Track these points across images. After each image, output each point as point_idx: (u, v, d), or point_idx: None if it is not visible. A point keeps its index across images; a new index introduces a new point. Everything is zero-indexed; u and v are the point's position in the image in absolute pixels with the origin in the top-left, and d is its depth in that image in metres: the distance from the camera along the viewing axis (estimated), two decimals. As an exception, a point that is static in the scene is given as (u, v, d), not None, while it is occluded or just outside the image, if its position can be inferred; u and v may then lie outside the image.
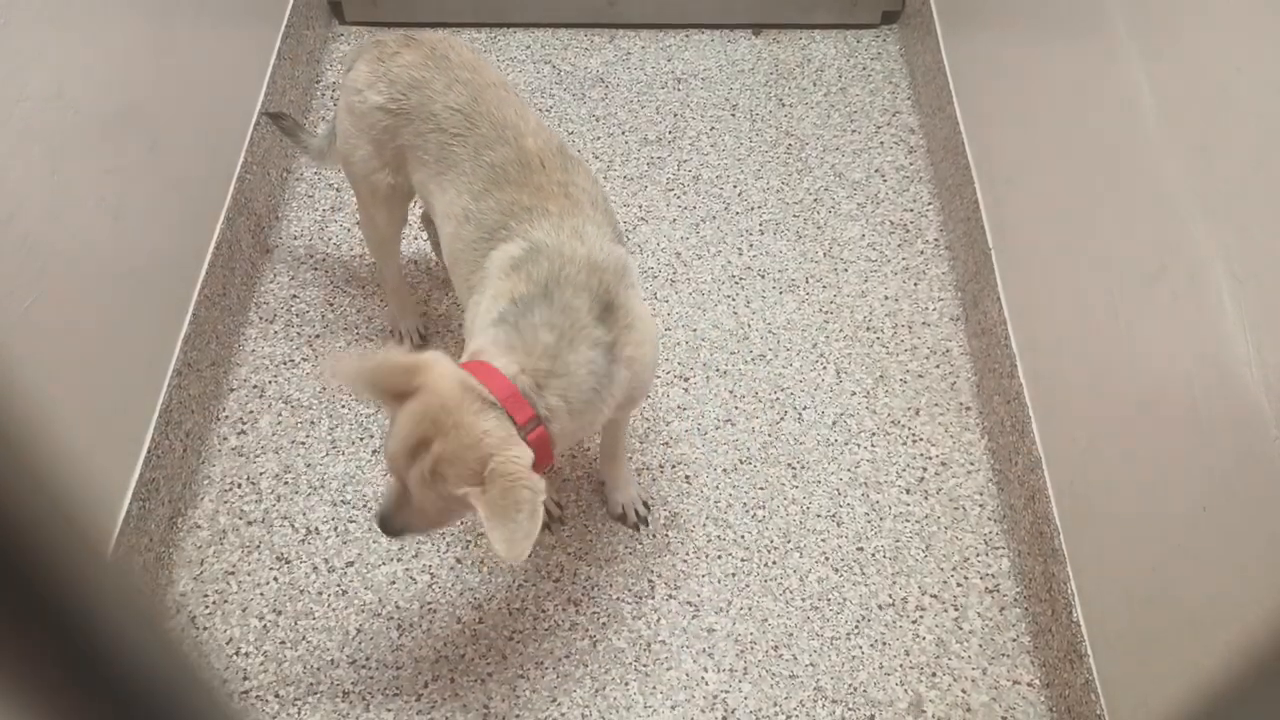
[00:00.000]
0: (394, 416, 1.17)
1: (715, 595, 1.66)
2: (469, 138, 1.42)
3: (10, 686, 0.23)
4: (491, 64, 1.57)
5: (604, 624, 1.63)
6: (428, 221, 2.00)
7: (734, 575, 1.68)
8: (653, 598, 1.66)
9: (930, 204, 2.21)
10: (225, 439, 1.83)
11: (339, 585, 1.66)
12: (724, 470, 1.80)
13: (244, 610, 1.64)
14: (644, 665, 1.59)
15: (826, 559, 1.71)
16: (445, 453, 1.13)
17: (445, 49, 1.51)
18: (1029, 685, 1.58)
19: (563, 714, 1.54)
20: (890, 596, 1.67)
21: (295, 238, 2.14)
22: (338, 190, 2.20)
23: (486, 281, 1.33)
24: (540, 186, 1.36)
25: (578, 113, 2.38)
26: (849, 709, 1.55)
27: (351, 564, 1.69)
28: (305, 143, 1.91)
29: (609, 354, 1.25)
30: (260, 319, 2.00)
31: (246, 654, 1.59)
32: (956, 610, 1.65)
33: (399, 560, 1.69)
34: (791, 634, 1.62)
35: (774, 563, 1.70)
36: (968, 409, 1.89)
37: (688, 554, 1.70)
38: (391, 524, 1.24)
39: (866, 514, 1.76)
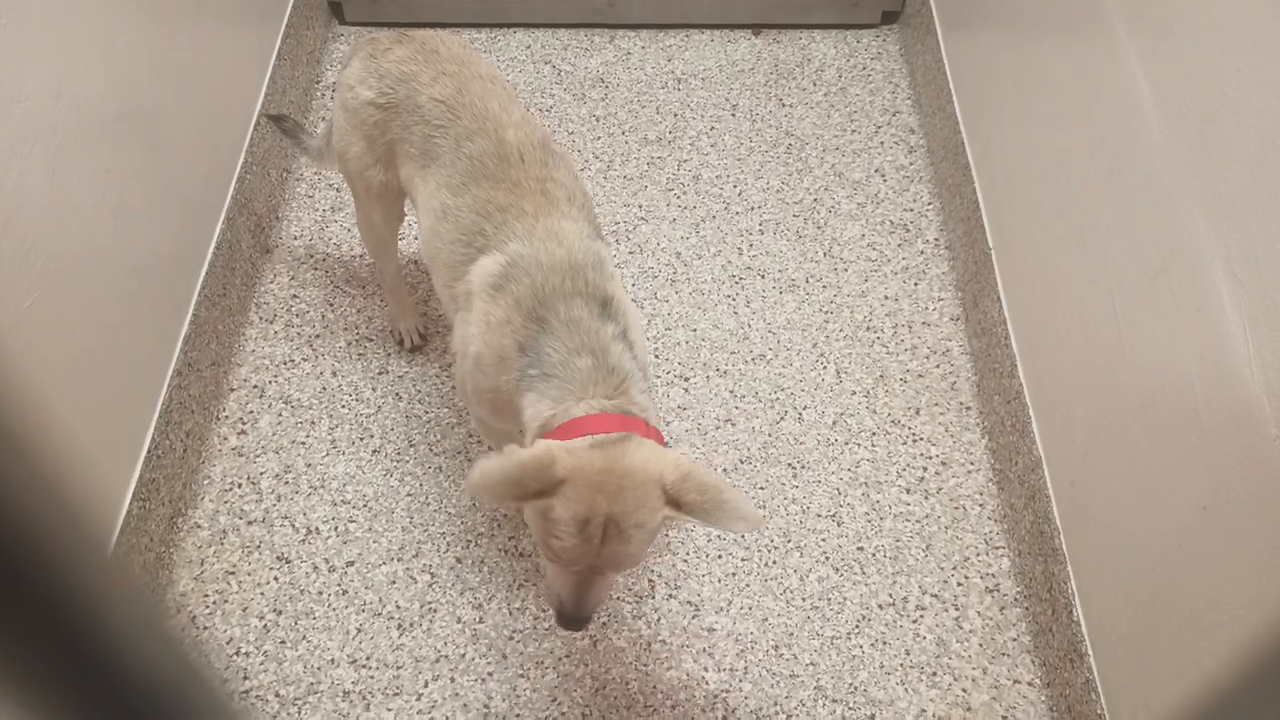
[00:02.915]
0: (543, 517, 1.13)
1: (715, 595, 1.66)
2: (451, 129, 1.42)
3: (12, 686, 0.23)
4: (486, 60, 1.57)
5: (604, 623, 1.63)
6: (428, 221, 2.00)
7: (734, 575, 1.68)
8: (653, 597, 1.66)
9: (930, 204, 2.21)
10: (225, 439, 1.83)
11: (339, 585, 1.66)
12: (724, 470, 1.80)
13: (244, 610, 1.64)
14: (644, 665, 1.59)
15: (827, 558, 1.71)
16: (628, 504, 1.11)
17: (436, 44, 1.51)
18: (1029, 684, 1.58)
19: (563, 713, 1.54)
20: (890, 596, 1.67)
21: (295, 238, 2.14)
22: (337, 190, 2.20)
23: (471, 300, 1.32)
24: (517, 182, 1.35)
25: (578, 113, 2.38)
26: (849, 708, 1.55)
27: (352, 564, 1.69)
28: (305, 144, 1.91)
29: (625, 340, 1.26)
30: (260, 319, 2.00)
31: (247, 654, 1.59)
32: (957, 610, 1.65)
33: (399, 560, 1.69)
34: (792, 633, 1.62)
35: (774, 562, 1.70)
36: (968, 409, 1.89)
37: (688, 554, 1.70)
38: (583, 614, 1.20)
39: (867, 513, 1.76)
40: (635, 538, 1.13)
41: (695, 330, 1.99)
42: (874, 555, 1.71)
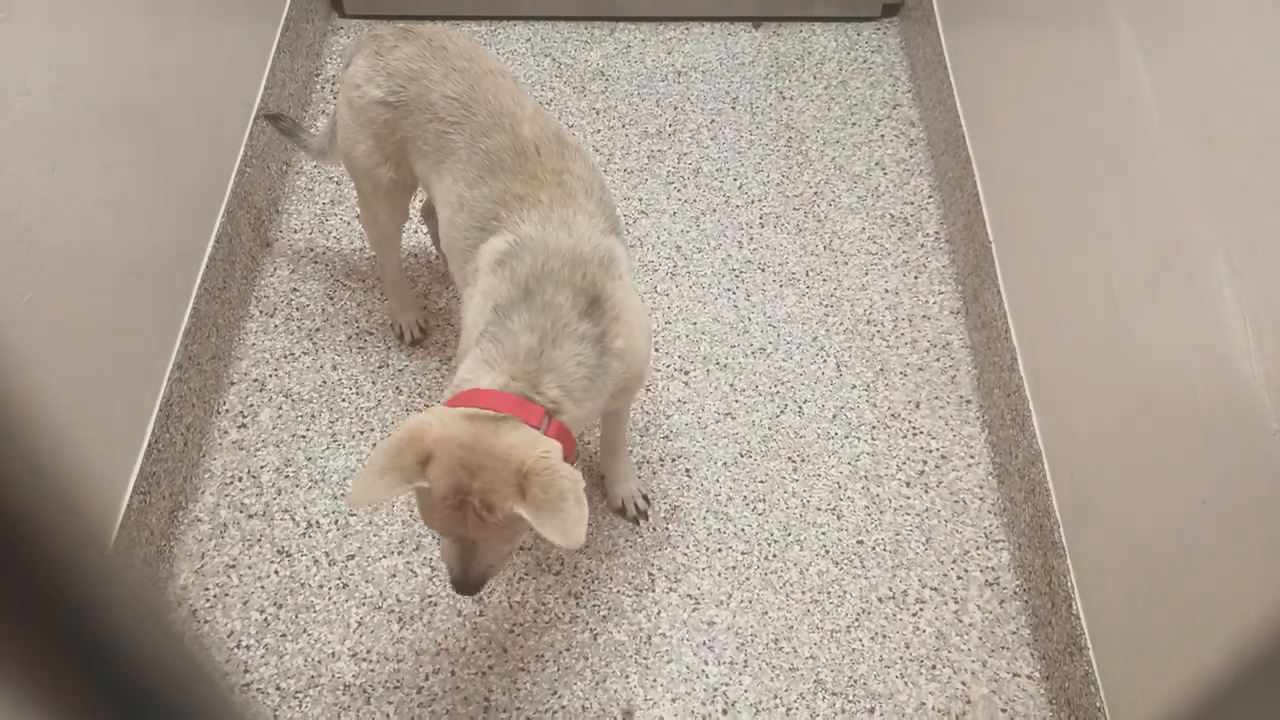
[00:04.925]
0: (423, 494, 1.16)
1: (715, 588, 1.66)
2: (466, 125, 1.42)
3: (13, 680, 0.23)
4: (493, 54, 1.57)
5: (604, 617, 1.63)
6: (428, 215, 2.00)
7: (734, 568, 1.69)
8: (653, 591, 1.66)
9: (931, 197, 2.21)
10: (226, 432, 1.84)
11: (340, 578, 1.67)
12: (724, 464, 1.80)
13: (245, 603, 1.64)
14: (644, 658, 1.59)
15: (827, 552, 1.71)
16: (486, 485, 1.12)
17: (443, 39, 1.51)
18: (1029, 678, 1.58)
19: (563, 706, 1.55)
20: (890, 589, 1.67)
21: (295, 231, 2.14)
22: (338, 184, 2.19)
23: (477, 276, 1.33)
24: (534, 174, 1.35)
25: (578, 106, 2.37)
26: (849, 701, 1.55)
27: (352, 557, 1.69)
28: (305, 141, 1.91)
29: (598, 346, 1.25)
30: (260, 313, 2.00)
31: (247, 647, 1.60)
32: (956, 603, 1.66)
33: (400, 554, 1.69)
34: (792, 627, 1.63)
35: (774, 556, 1.70)
36: (968, 402, 1.89)
37: (688, 547, 1.71)
38: (470, 581, 1.22)
39: (867, 507, 1.76)
40: (489, 520, 1.13)
41: (695, 324, 1.99)
42: (874, 549, 1.71)
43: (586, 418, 1.32)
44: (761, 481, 1.79)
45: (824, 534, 1.73)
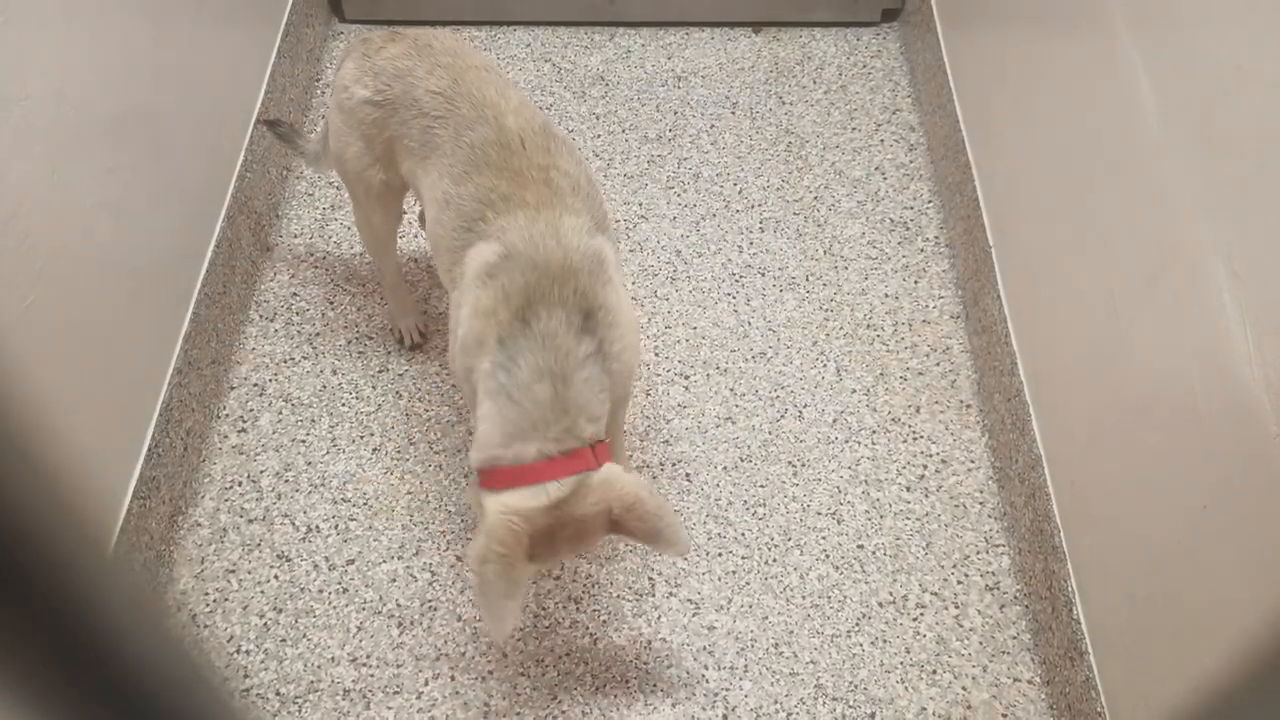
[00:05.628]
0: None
1: (716, 593, 1.66)
2: (450, 120, 1.41)
3: (11, 685, 0.23)
4: (482, 53, 1.56)
5: (604, 622, 1.63)
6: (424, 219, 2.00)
7: (734, 573, 1.68)
8: (653, 595, 1.66)
9: (930, 201, 2.21)
10: (226, 437, 1.83)
11: (339, 583, 1.66)
12: (724, 468, 1.80)
13: (245, 608, 1.64)
14: (644, 663, 1.59)
15: (827, 556, 1.71)
16: (584, 541, 1.27)
17: (428, 39, 1.51)
18: (1029, 683, 1.58)
19: (563, 711, 1.54)
20: (891, 594, 1.67)
21: (295, 236, 2.14)
22: (338, 189, 2.20)
23: (465, 285, 1.32)
24: (519, 171, 1.34)
25: (578, 111, 2.38)
26: (849, 706, 1.55)
27: (352, 562, 1.69)
28: (301, 147, 1.91)
29: (598, 357, 1.26)
30: (261, 317, 2.00)
31: (247, 652, 1.59)
32: (957, 608, 1.65)
33: (400, 558, 1.69)
34: (792, 631, 1.62)
35: (774, 560, 1.70)
36: (968, 406, 1.89)
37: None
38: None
39: (867, 511, 1.76)
40: (585, 554, 1.32)
41: (695, 328, 1.99)
42: (874, 553, 1.71)
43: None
44: (761, 486, 1.78)
45: (824, 539, 1.73)
